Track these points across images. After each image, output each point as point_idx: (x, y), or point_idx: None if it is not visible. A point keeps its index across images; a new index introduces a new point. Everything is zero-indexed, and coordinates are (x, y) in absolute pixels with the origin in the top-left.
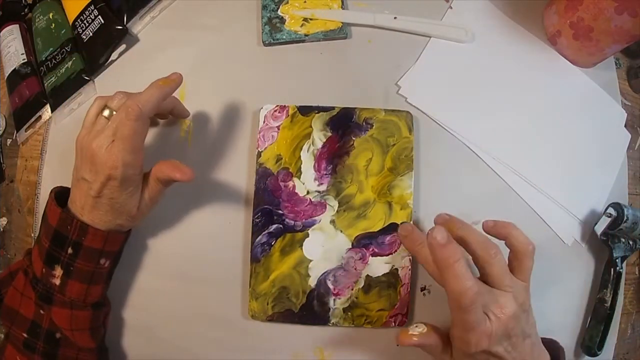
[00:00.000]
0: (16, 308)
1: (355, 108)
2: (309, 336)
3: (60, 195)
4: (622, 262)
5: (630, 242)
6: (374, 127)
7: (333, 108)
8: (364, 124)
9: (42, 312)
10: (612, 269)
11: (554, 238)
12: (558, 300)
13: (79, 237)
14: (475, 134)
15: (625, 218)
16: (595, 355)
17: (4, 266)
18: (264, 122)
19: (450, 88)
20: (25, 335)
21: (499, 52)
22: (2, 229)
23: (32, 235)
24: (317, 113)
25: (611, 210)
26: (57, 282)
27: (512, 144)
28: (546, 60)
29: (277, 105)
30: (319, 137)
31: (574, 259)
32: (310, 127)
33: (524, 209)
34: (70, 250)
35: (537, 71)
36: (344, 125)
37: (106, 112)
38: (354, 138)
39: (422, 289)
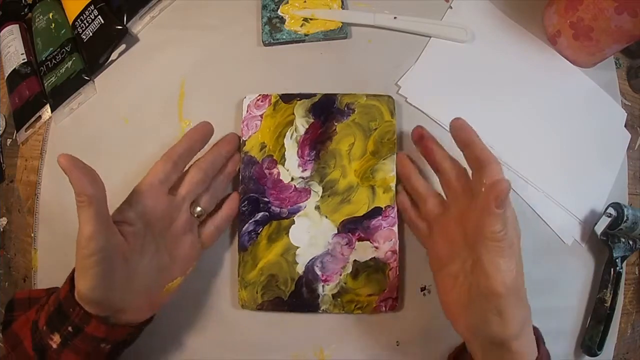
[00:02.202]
0: (21, 338)
1: (337, 94)
2: (308, 335)
3: None
4: (622, 262)
5: (630, 242)
6: (355, 112)
7: (315, 95)
8: (345, 109)
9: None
10: (612, 269)
11: (553, 238)
12: (558, 300)
13: (80, 323)
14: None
15: (625, 218)
16: (595, 355)
17: (4, 266)
18: (247, 111)
19: (450, 88)
20: None
21: (499, 52)
22: (2, 229)
23: (32, 235)
24: (299, 100)
25: (611, 210)
26: (54, 346)
27: (511, 144)
28: (546, 60)
29: (260, 95)
30: (301, 124)
31: (574, 259)
32: (293, 114)
33: (524, 209)
34: (70, 329)
35: (537, 71)
36: (326, 111)
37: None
38: (336, 123)
39: (422, 289)
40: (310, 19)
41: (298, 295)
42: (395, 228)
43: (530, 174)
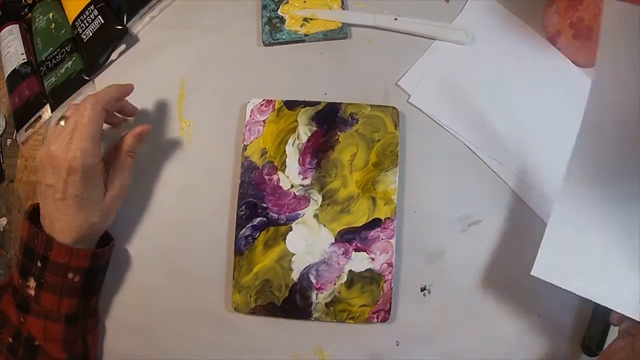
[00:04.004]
0: (7, 314)
1: (342, 103)
2: (308, 335)
3: (37, 213)
4: None
5: None
6: (359, 122)
7: (319, 103)
8: (349, 119)
9: (21, 319)
10: None
11: None
12: (558, 301)
13: (45, 251)
14: (476, 134)
15: None
16: (595, 355)
17: (4, 266)
18: (250, 116)
19: (451, 88)
20: (10, 340)
21: (499, 52)
22: (2, 229)
23: None
24: (303, 107)
25: None
26: (32, 292)
27: (512, 145)
28: (546, 60)
29: (264, 100)
30: (304, 132)
31: None
32: (296, 121)
33: (524, 210)
34: (39, 264)
35: (538, 71)
36: (330, 120)
37: (62, 122)
38: (339, 133)
39: (422, 289)
40: (310, 19)
41: (291, 302)
42: (393, 241)
43: (533, 177)
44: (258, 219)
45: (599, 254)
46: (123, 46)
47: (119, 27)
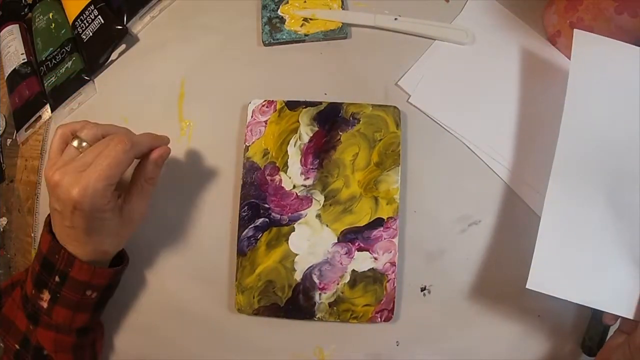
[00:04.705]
0: (12, 319)
1: (343, 103)
2: (308, 335)
3: None
4: None
5: None
6: (360, 122)
7: (320, 103)
8: (350, 118)
9: (31, 327)
10: None
11: None
12: (558, 300)
13: (65, 267)
14: (476, 134)
15: None
16: (595, 355)
17: (4, 266)
18: (252, 116)
19: (451, 88)
20: (17, 346)
21: (499, 52)
22: (2, 229)
23: (32, 235)
24: (305, 108)
25: None
26: (45, 305)
27: (514, 147)
28: (546, 60)
29: (265, 100)
30: (305, 132)
31: None
32: (298, 121)
33: (524, 210)
34: (57, 279)
35: (538, 71)
36: (331, 120)
37: (75, 143)
38: (340, 133)
39: (422, 289)
40: (310, 19)
41: (294, 302)
42: (396, 240)
43: (533, 177)
44: (260, 220)
45: (590, 260)
46: (123, 46)
47: (119, 27)
